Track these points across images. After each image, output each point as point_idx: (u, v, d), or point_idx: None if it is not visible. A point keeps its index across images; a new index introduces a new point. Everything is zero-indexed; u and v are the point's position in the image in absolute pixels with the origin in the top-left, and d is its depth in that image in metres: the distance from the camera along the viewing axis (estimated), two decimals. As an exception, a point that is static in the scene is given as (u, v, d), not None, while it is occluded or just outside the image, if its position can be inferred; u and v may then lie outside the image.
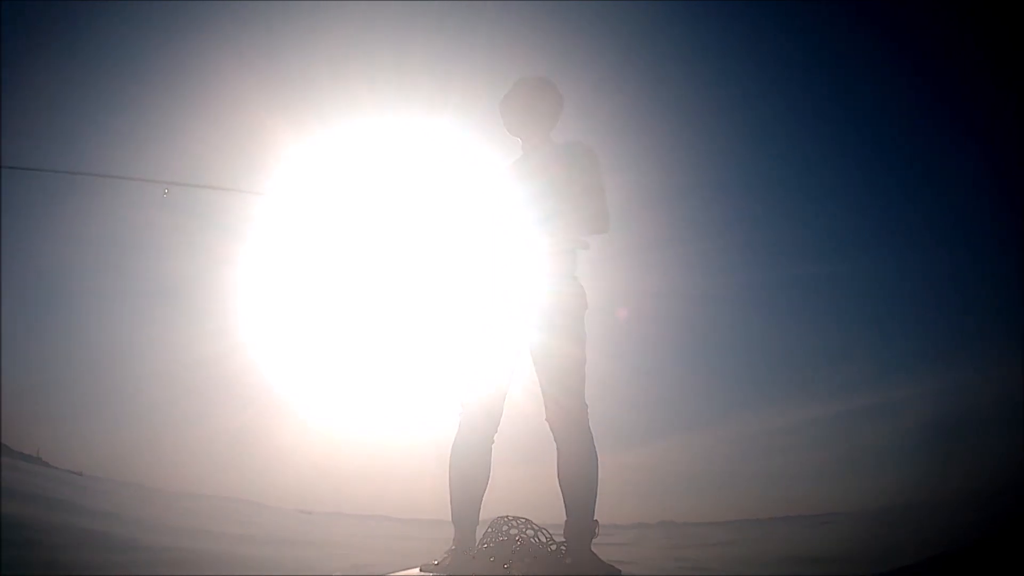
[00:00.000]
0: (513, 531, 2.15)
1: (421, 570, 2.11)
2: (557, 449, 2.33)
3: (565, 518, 2.25)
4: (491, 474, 2.33)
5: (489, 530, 2.18)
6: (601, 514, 2.26)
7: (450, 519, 2.29)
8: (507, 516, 2.19)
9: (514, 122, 2.60)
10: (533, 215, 2.44)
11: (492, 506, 2.29)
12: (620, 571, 2.14)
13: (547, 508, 2.38)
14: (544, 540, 2.14)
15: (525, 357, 2.44)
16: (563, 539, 2.19)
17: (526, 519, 2.18)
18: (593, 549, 2.21)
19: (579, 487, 2.30)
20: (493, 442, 2.32)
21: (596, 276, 2.57)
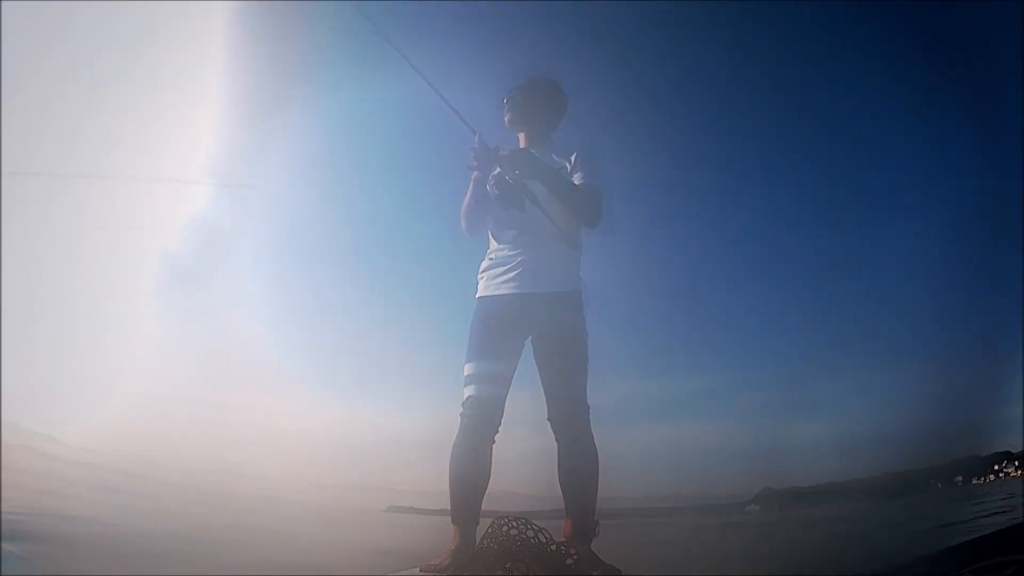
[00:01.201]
0: (513, 531, 2.14)
1: (421, 570, 2.13)
2: (558, 449, 2.34)
3: (565, 518, 2.27)
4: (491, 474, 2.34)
5: (489, 530, 2.18)
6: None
7: (450, 517, 2.31)
8: (507, 516, 2.19)
9: (518, 117, 2.59)
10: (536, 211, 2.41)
11: (492, 506, 2.30)
12: (620, 571, 2.16)
13: (546, 508, 2.39)
14: (544, 540, 2.14)
15: (528, 355, 2.44)
16: (563, 539, 2.20)
17: (526, 519, 2.18)
18: (593, 548, 2.23)
19: (580, 487, 2.31)
20: (493, 442, 2.33)
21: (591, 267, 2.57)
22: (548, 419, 2.36)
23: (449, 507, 2.32)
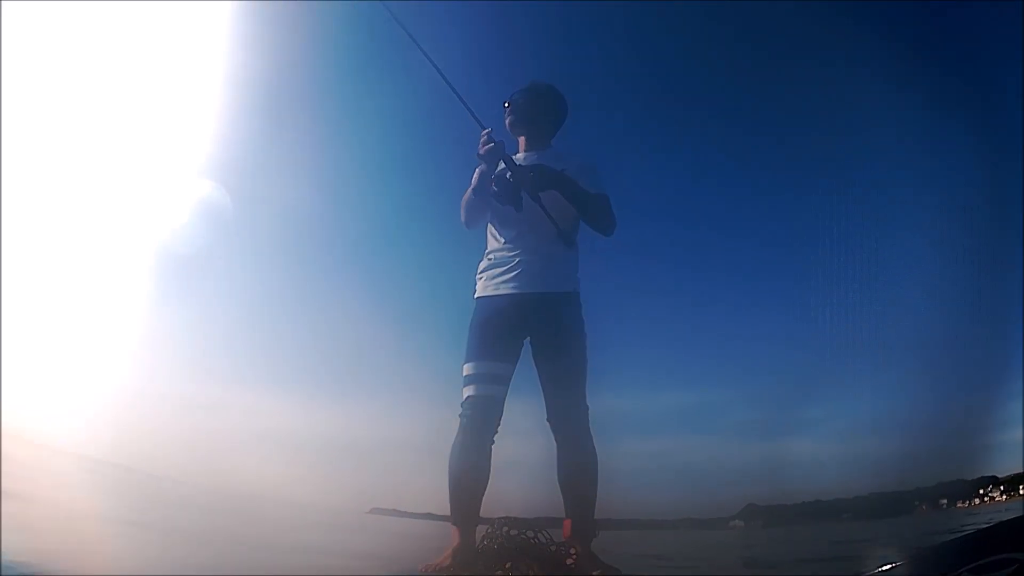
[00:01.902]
0: (513, 531, 2.15)
1: (422, 570, 2.12)
2: (558, 449, 2.35)
3: (565, 518, 2.27)
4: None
5: (489, 530, 2.18)
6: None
7: (450, 519, 2.30)
8: (507, 516, 2.20)
9: (519, 121, 2.63)
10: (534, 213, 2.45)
11: (492, 506, 2.29)
12: (620, 571, 2.16)
13: (546, 509, 2.40)
14: (544, 540, 2.14)
15: (527, 356, 2.45)
16: (563, 540, 2.21)
17: (526, 520, 2.19)
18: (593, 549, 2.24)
19: (579, 487, 2.32)
20: (493, 442, 2.32)
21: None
22: (547, 420, 2.37)
23: (434, 512, 2.31)
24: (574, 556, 2.13)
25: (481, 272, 2.54)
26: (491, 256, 2.53)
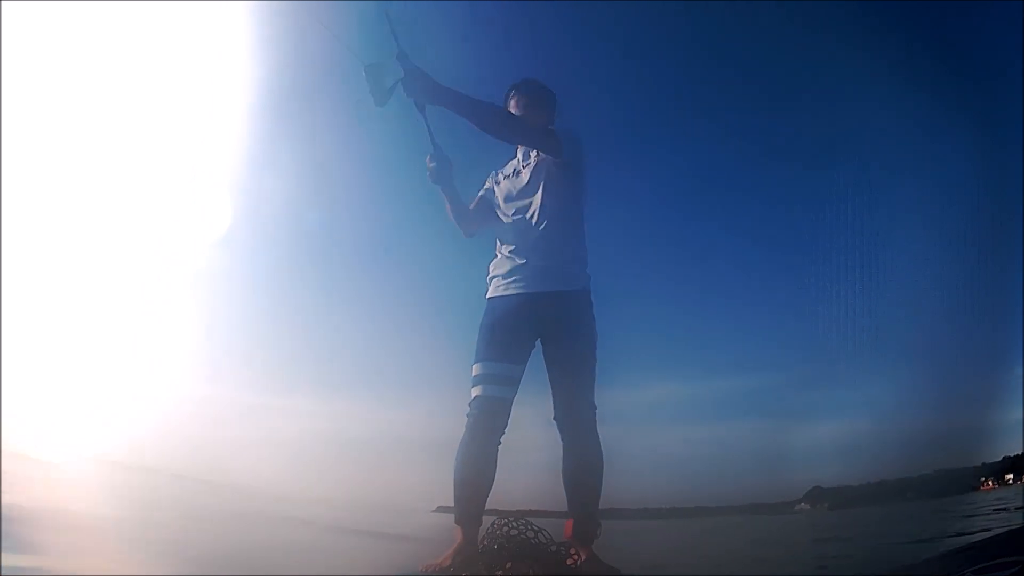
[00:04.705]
0: (513, 531, 2.15)
1: (423, 570, 2.14)
2: (563, 448, 2.33)
3: (566, 518, 2.25)
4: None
5: (489, 530, 2.19)
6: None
7: (453, 519, 2.31)
8: (508, 516, 2.19)
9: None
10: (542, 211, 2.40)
11: (496, 506, 2.29)
12: (620, 571, 2.13)
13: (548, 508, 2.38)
14: (545, 540, 2.13)
15: (536, 354, 2.42)
16: (564, 539, 2.18)
17: (527, 519, 2.18)
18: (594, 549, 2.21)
19: (583, 487, 2.30)
20: (499, 443, 2.32)
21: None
22: (554, 418, 2.36)
23: (497, 507, 2.31)
24: (574, 556, 2.11)
25: (492, 273, 2.53)
26: (501, 257, 2.51)
